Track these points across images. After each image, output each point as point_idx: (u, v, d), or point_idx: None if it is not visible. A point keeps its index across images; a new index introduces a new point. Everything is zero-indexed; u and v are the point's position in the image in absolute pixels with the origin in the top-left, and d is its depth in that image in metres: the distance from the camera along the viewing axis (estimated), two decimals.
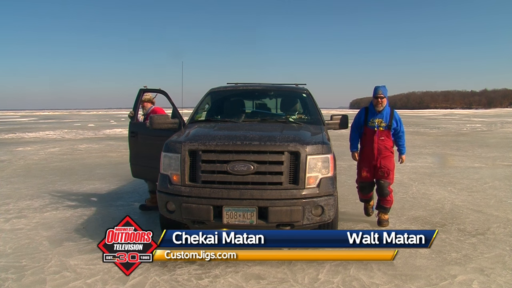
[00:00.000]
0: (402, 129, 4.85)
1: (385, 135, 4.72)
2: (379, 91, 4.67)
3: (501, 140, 16.59)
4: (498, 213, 5.34)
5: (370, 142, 4.73)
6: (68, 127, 28.86)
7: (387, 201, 4.73)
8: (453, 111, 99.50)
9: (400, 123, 4.80)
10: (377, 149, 4.70)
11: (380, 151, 4.71)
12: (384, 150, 4.71)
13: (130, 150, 5.64)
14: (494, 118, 46.08)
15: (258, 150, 3.54)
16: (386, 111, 4.72)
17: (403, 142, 4.89)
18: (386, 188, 4.68)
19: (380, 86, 4.74)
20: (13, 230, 4.62)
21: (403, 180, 7.70)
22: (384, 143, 4.72)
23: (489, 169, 9.08)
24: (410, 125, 30.08)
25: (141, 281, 3.28)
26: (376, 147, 4.70)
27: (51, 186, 7.17)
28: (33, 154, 12.02)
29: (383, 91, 4.68)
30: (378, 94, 4.67)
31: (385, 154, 4.72)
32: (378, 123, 4.71)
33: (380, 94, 4.66)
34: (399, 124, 4.78)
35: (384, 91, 4.68)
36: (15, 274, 3.41)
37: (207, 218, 3.54)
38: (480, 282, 3.28)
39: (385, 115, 4.71)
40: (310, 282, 3.26)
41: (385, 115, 4.71)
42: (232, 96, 5.62)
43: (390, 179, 4.73)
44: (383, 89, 4.70)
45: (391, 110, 4.76)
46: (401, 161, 5.05)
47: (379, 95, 4.66)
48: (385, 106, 4.71)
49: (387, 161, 4.72)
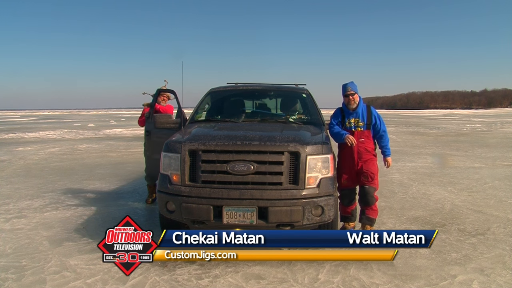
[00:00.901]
0: (383, 127, 4.37)
1: (365, 136, 4.29)
2: (348, 88, 4.29)
3: (501, 140, 16.59)
4: (498, 213, 5.34)
5: (349, 146, 4.24)
6: (68, 127, 28.87)
7: (372, 211, 4.25)
8: (453, 111, 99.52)
9: (380, 120, 4.35)
10: (357, 152, 4.24)
11: (361, 155, 4.25)
12: (365, 153, 4.26)
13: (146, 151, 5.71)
14: (494, 118, 46.08)
15: (258, 150, 3.54)
16: (362, 109, 4.32)
17: (387, 143, 4.39)
18: (372, 194, 4.19)
19: (348, 82, 4.36)
20: (13, 230, 4.61)
21: (403, 180, 7.71)
22: (364, 145, 4.27)
23: (489, 169, 9.08)
24: (410, 125, 30.09)
25: (141, 281, 3.28)
26: (356, 150, 4.24)
27: (51, 186, 7.16)
28: (33, 154, 12.02)
29: (352, 87, 4.30)
30: (347, 91, 4.28)
31: (366, 157, 4.26)
32: (355, 123, 4.30)
33: (350, 90, 4.27)
34: (379, 122, 4.33)
35: (354, 87, 4.30)
36: (15, 274, 3.41)
37: (207, 218, 3.54)
38: (480, 282, 3.28)
39: (360, 113, 4.30)
40: (310, 282, 3.26)
41: (361, 113, 4.30)
42: (232, 96, 5.63)
43: (375, 184, 4.25)
44: (352, 85, 4.32)
45: (367, 106, 4.35)
46: (387, 165, 4.47)
47: (349, 92, 4.27)
48: (358, 103, 4.30)
49: (370, 165, 4.24)
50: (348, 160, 4.28)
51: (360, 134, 4.28)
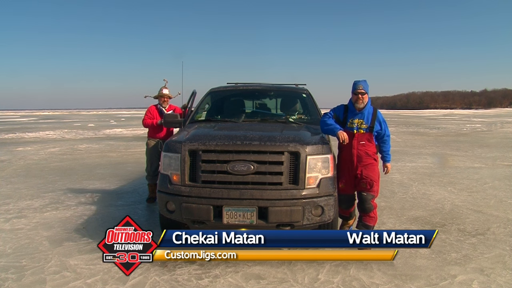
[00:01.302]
0: (387, 132, 4.14)
1: (366, 139, 4.03)
2: (359, 86, 4.01)
3: (501, 140, 16.60)
4: (498, 213, 5.34)
5: (348, 147, 4.00)
6: (68, 127, 28.86)
7: (370, 218, 4.01)
8: (453, 111, 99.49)
9: (385, 126, 4.12)
10: (356, 155, 4.00)
11: (361, 158, 4.00)
12: (365, 157, 4.01)
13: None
14: (494, 118, 46.07)
15: (258, 150, 3.54)
16: (368, 111, 4.06)
17: (388, 148, 4.17)
18: (369, 201, 3.97)
19: (361, 80, 4.08)
20: (13, 230, 4.61)
21: (403, 180, 7.71)
22: (365, 148, 4.02)
23: (489, 169, 9.08)
24: (410, 125, 30.09)
25: (141, 281, 3.28)
26: (356, 153, 4.00)
27: (51, 186, 7.16)
28: (33, 154, 12.02)
29: (364, 86, 4.02)
30: (358, 89, 4.00)
31: (366, 161, 4.01)
32: (358, 124, 4.03)
33: (361, 89, 3.99)
34: (384, 127, 4.10)
35: (365, 86, 4.02)
36: (15, 274, 3.41)
37: (207, 218, 3.54)
38: (480, 282, 3.28)
39: (366, 115, 4.04)
40: (310, 282, 3.26)
41: (366, 115, 4.04)
42: (232, 96, 5.63)
43: (374, 191, 4.01)
44: (364, 83, 4.04)
45: (374, 109, 4.10)
46: (386, 171, 4.24)
47: (359, 90, 3.99)
48: (366, 104, 4.04)
49: (370, 171, 3.99)
50: (347, 163, 4.05)
51: (361, 137, 4.03)
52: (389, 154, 4.20)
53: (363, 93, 3.99)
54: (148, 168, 5.83)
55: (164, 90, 5.86)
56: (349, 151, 4.02)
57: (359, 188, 4.02)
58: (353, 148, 4.00)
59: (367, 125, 4.04)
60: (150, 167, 5.77)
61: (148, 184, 5.97)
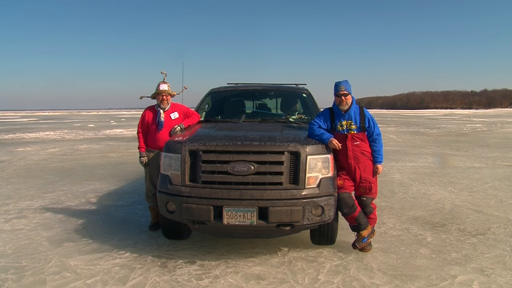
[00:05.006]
0: (377, 130, 4.02)
1: (360, 139, 3.94)
2: (341, 87, 3.93)
3: (501, 140, 16.59)
4: (498, 213, 5.33)
5: (343, 150, 3.90)
6: (68, 127, 28.86)
7: (370, 219, 3.99)
8: (453, 111, 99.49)
9: (374, 123, 4.01)
10: (353, 157, 3.90)
11: (358, 159, 3.91)
12: (361, 157, 3.92)
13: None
14: (494, 118, 46.06)
15: (258, 150, 3.53)
16: (354, 111, 3.98)
17: (380, 148, 4.01)
18: (369, 205, 3.95)
19: (342, 81, 4.00)
20: (13, 230, 4.61)
21: (403, 180, 7.71)
22: (360, 148, 3.93)
23: (489, 169, 9.08)
24: (410, 125, 30.08)
25: (141, 281, 3.28)
26: (352, 155, 3.90)
27: (51, 187, 7.16)
28: (33, 155, 12.02)
29: (346, 86, 3.94)
30: (340, 90, 3.92)
31: (364, 162, 3.93)
32: (347, 125, 3.94)
33: (343, 90, 3.91)
34: (373, 125, 3.99)
35: (347, 87, 3.95)
36: (15, 274, 3.40)
37: (207, 219, 3.54)
38: (480, 282, 3.27)
39: (353, 115, 3.96)
40: (311, 283, 3.26)
41: (353, 116, 3.96)
42: (233, 96, 5.63)
43: (373, 193, 3.97)
44: (346, 84, 3.97)
45: (360, 108, 4.03)
46: (377, 173, 4.03)
47: (341, 92, 3.91)
48: (351, 105, 3.97)
49: (368, 173, 3.93)
50: (345, 166, 3.95)
51: (355, 137, 3.93)
52: (380, 154, 4.02)
53: (346, 94, 3.92)
54: (148, 188, 4.58)
55: (162, 86, 4.57)
56: (344, 153, 3.92)
57: (358, 192, 3.96)
58: (348, 150, 3.90)
59: (357, 125, 3.95)
60: (151, 186, 4.52)
61: (149, 207, 4.73)
